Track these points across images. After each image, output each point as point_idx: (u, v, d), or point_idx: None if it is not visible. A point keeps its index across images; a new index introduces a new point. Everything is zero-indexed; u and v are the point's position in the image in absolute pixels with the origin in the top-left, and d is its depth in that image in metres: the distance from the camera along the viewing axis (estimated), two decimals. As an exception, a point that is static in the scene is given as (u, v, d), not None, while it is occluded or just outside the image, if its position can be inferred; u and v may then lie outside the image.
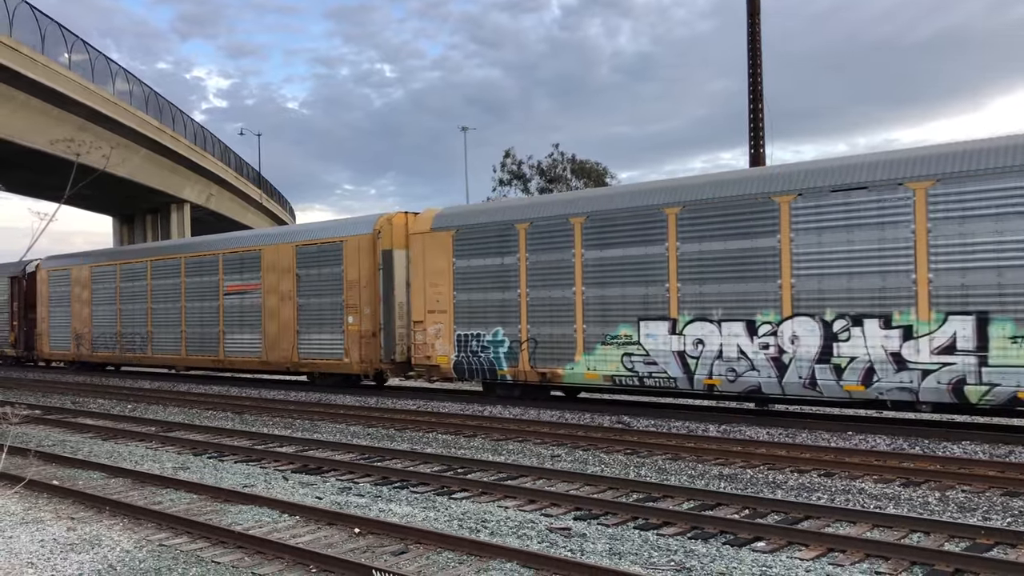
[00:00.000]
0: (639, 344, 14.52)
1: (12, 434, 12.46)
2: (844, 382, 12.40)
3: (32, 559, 7.05)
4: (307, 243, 20.58)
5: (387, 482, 9.91)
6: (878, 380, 12.11)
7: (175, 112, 41.33)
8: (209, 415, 16.94)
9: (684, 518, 7.78)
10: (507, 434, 13.20)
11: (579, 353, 15.34)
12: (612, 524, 7.81)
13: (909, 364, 11.85)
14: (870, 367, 12.17)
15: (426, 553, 6.90)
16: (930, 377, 11.66)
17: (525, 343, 16.18)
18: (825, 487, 9.23)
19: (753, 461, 10.64)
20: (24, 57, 27.26)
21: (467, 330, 17.10)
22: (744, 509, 8.22)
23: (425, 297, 17.69)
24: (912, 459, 10.32)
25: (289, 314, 20.83)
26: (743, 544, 7.05)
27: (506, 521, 7.97)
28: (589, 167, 47.37)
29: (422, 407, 16.65)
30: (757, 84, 18.12)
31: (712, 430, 12.96)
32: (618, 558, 6.74)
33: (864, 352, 12.23)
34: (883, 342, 12.08)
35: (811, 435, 12.26)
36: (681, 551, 6.88)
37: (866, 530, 7.40)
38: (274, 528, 7.82)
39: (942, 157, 11.86)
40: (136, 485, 9.98)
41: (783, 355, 12.97)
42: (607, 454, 11.47)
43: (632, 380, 14.63)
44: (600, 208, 15.15)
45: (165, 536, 7.67)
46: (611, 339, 14.90)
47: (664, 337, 14.25)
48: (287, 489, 9.63)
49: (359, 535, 7.49)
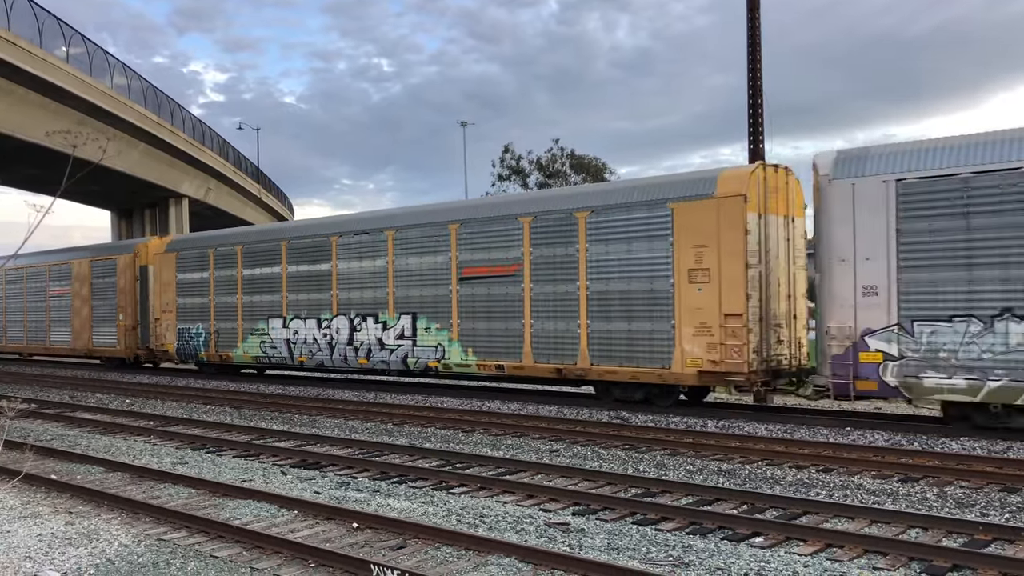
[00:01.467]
0: (268, 335, 21.15)
1: (9, 428, 12.44)
2: (359, 358, 18.95)
3: (30, 553, 7.04)
4: (96, 259, 27.20)
5: (385, 477, 9.91)
6: (372, 356, 18.63)
7: (173, 106, 41.22)
8: (207, 410, 16.94)
9: (682, 513, 7.78)
10: (505, 429, 13.21)
11: (240, 341, 21.98)
12: (610, 519, 7.81)
13: (385, 345, 18.38)
14: (369, 348, 18.69)
15: (424, 548, 6.90)
16: (393, 353, 18.17)
17: (213, 334, 22.68)
18: (823, 483, 9.24)
19: (751, 457, 10.65)
20: (22, 51, 27.17)
21: (183, 325, 23.60)
22: (742, 504, 8.23)
23: (161, 301, 24.31)
24: (910, 455, 10.33)
25: (87, 313, 27.43)
26: (741, 539, 7.05)
27: (505, 516, 7.97)
28: (588, 162, 47.35)
29: (420, 402, 16.65)
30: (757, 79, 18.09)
31: (711, 426, 12.96)
32: (616, 553, 6.74)
33: (367, 338, 18.79)
34: (375, 332, 18.68)
35: (809, 431, 12.27)
36: (679, 546, 6.88)
37: (864, 526, 7.40)
38: (272, 523, 7.82)
39: (463, 208, 18.21)
40: (134, 479, 9.98)
41: (332, 341, 19.55)
42: (605, 449, 11.47)
43: (265, 359, 21.35)
44: (250, 241, 22.26)
45: (163, 530, 7.66)
46: (256, 331, 21.51)
47: (279, 330, 20.85)
48: (285, 484, 9.63)
49: (357, 530, 7.49)
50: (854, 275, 12.10)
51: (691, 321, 13.77)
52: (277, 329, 20.81)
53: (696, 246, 13.72)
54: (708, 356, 13.57)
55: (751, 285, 13.32)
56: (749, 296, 13.28)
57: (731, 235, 13.38)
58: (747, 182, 13.44)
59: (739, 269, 13.29)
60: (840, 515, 7.72)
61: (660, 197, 14.28)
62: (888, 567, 6.28)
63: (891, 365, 11.81)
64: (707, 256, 13.64)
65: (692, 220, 13.80)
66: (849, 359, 12.10)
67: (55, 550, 7.13)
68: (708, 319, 13.59)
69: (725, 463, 10.40)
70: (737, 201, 13.36)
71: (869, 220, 11.95)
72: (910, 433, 11.81)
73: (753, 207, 13.44)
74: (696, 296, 13.74)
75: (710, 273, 13.58)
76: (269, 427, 14.02)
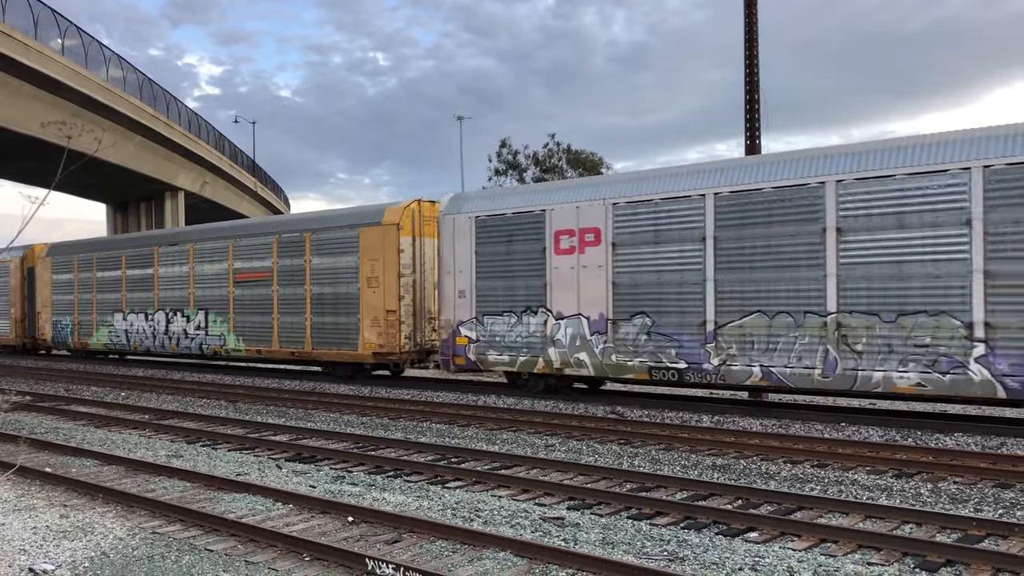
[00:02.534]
0: (114, 326, 26.07)
1: (3, 420, 12.43)
2: (171, 345, 23.88)
3: (25, 546, 7.03)
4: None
5: (381, 471, 9.91)
6: (180, 344, 23.44)
7: (169, 99, 41.07)
8: (203, 403, 16.92)
9: (677, 508, 7.80)
10: (501, 424, 13.21)
11: (95, 331, 26.88)
12: (605, 514, 7.83)
13: (188, 335, 23.19)
14: (179, 337, 23.46)
15: (419, 542, 6.91)
16: (193, 341, 23.01)
17: (76, 325, 27.66)
18: (818, 478, 9.26)
19: (746, 452, 10.67)
20: (17, 43, 27.05)
21: (57, 318, 28.40)
22: (737, 499, 8.24)
23: (41, 297, 29.04)
24: (905, 450, 10.36)
25: None
26: (736, 534, 7.07)
27: (500, 510, 7.98)
28: (584, 157, 47.27)
29: (416, 396, 16.65)
30: (754, 75, 18.07)
31: (706, 421, 12.98)
32: (611, 548, 6.75)
33: (177, 329, 23.60)
34: (182, 324, 23.43)
35: (804, 426, 12.30)
36: (674, 541, 6.89)
37: (859, 521, 7.42)
38: (267, 516, 7.82)
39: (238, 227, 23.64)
40: (129, 473, 9.97)
41: (155, 331, 24.38)
42: (601, 444, 11.48)
43: (112, 346, 26.27)
44: (102, 250, 26.99)
45: (158, 524, 7.66)
46: (106, 323, 26.41)
47: (121, 322, 25.77)
48: (281, 477, 9.63)
49: (353, 524, 7.49)
50: (454, 282, 16.74)
51: (368, 315, 18.65)
52: (119, 321, 25.89)
53: (371, 260, 18.67)
54: (378, 341, 18.52)
55: (404, 289, 18.35)
56: (402, 297, 18.32)
57: (391, 253, 18.36)
58: (401, 214, 18.46)
59: (395, 277, 18.29)
60: (835, 510, 7.73)
61: (353, 223, 19.24)
62: (882, 562, 6.29)
63: (472, 346, 16.48)
64: (377, 267, 18.54)
65: (370, 241, 18.74)
66: (451, 342, 16.85)
67: (49, 543, 7.12)
68: (378, 314, 18.50)
69: (720, 458, 10.41)
70: (393, 228, 18.40)
71: (462, 244, 16.57)
72: (904, 429, 11.85)
73: (407, 232, 18.49)
74: (372, 297, 18.63)
75: (379, 280, 18.49)
76: (264, 421, 14.01)
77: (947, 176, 11.34)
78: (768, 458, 10.34)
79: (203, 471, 9.76)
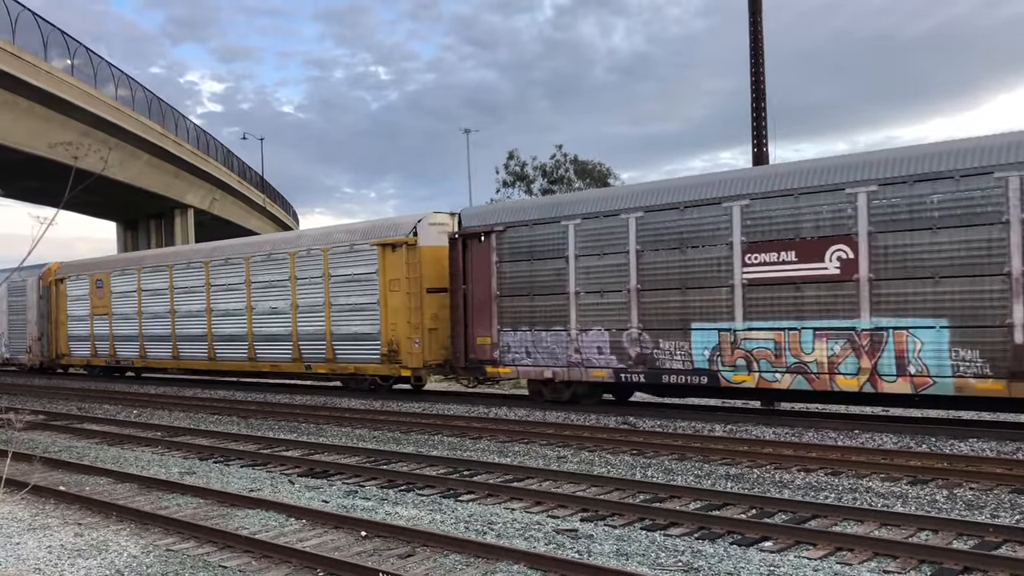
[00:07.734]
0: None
1: (17, 440, 12.48)
2: None
3: (40, 565, 7.05)
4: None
5: (393, 485, 9.90)
6: None
7: (177, 117, 41.38)
8: (214, 420, 16.96)
9: (691, 518, 7.77)
10: (513, 436, 13.19)
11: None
12: (619, 525, 7.80)
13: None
14: None
15: (433, 555, 6.90)
16: None
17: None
18: (832, 486, 9.21)
19: (759, 461, 10.62)
20: (27, 64, 27.30)
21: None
22: (751, 509, 8.20)
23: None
24: (919, 457, 10.29)
25: None
26: (750, 544, 7.03)
27: (513, 523, 7.96)
28: (592, 167, 47.31)
29: (427, 409, 16.65)
30: (760, 83, 18.09)
31: (718, 430, 12.94)
32: (625, 559, 6.72)
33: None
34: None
35: (817, 434, 12.24)
36: (688, 551, 6.86)
37: (874, 529, 7.38)
38: (281, 532, 7.82)
39: None
40: (143, 490, 9.99)
41: None
42: (613, 455, 11.45)
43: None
44: None
45: (172, 541, 7.67)
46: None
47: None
48: (293, 492, 9.63)
49: (366, 538, 7.48)
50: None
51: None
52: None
53: None
54: None
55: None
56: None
57: None
58: None
59: None
60: (849, 518, 7.69)
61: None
62: (898, 570, 6.25)
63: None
64: None
65: None
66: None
67: (64, 562, 7.14)
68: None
69: (733, 467, 10.37)
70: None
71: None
72: (919, 435, 11.78)
73: None
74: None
75: None
76: (276, 436, 14.02)
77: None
78: (782, 466, 10.29)
79: (216, 487, 9.77)
